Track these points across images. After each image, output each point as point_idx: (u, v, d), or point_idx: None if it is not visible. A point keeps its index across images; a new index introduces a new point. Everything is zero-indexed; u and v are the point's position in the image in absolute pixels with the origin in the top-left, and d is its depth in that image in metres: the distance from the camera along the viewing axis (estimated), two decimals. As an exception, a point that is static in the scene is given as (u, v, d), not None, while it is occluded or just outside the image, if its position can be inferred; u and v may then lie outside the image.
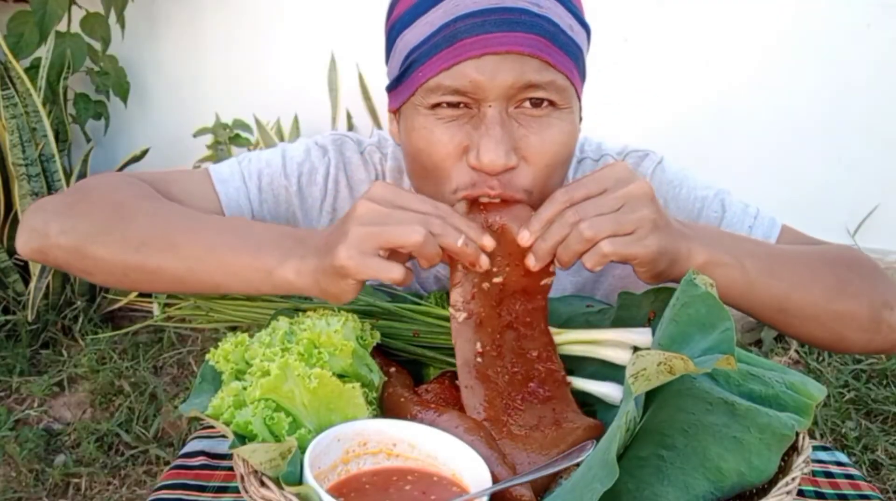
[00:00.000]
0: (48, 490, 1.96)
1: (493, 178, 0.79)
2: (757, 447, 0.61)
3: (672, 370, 0.57)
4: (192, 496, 0.88)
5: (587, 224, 0.69)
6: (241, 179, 0.96)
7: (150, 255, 0.78)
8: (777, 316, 0.81)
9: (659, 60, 2.56)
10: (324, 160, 0.99)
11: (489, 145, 0.77)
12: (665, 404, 0.65)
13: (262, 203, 0.97)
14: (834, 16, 2.54)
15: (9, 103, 2.20)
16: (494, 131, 0.77)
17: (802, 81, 2.60)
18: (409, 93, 0.82)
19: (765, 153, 2.68)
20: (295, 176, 0.98)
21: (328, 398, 0.66)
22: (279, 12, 2.64)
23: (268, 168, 0.98)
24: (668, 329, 0.67)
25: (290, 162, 0.98)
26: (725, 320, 0.63)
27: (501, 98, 0.78)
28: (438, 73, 0.78)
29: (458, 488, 0.64)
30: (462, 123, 0.80)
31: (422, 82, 0.80)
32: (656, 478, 0.60)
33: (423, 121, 0.81)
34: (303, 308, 0.82)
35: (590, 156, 1.04)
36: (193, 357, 2.45)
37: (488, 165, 0.77)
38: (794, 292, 0.79)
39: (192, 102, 2.72)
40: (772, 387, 0.66)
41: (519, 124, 0.80)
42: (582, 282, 1.02)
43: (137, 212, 0.82)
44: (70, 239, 0.81)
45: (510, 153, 0.78)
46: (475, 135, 0.79)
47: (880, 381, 2.40)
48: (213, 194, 0.95)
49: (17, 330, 2.41)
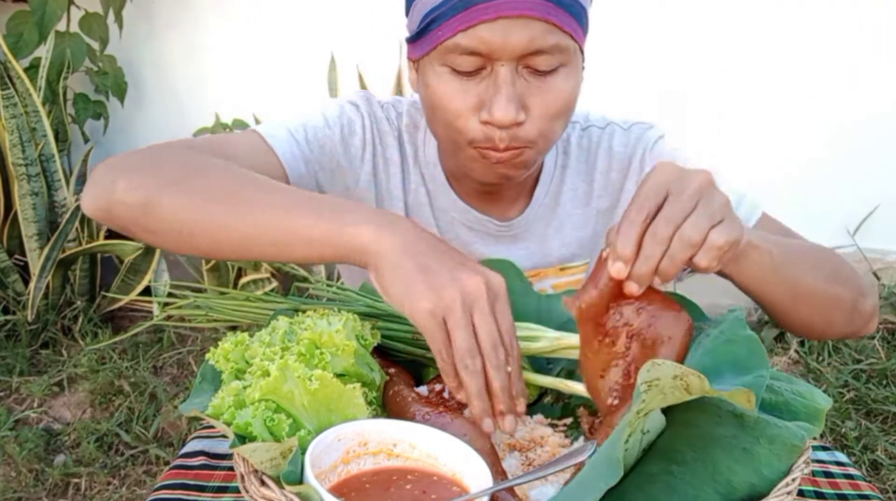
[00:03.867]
0: (48, 490, 1.96)
1: (502, 131, 0.87)
2: (767, 458, 0.60)
3: (689, 388, 0.56)
4: (192, 496, 0.88)
5: (689, 229, 0.66)
6: (288, 132, 0.99)
7: (219, 213, 0.76)
8: (788, 300, 0.85)
9: (658, 59, 2.56)
10: (358, 114, 1.05)
11: (500, 103, 0.85)
12: (674, 418, 0.64)
13: (311, 152, 1.00)
14: (834, 15, 2.54)
15: (8, 103, 2.20)
16: (505, 89, 0.86)
17: (802, 81, 2.60)
18: (428, 48, 0.89)
19: (764, 153, 2.68)
20: (337, 127, 1.03)
21: (328, 399, 0.66)
22: (279, 12, 2.64)
23: (311, 122, 1.02)
24: (702, 360, 0.66)
25: (331, 117, 1.03)
26: (763, 367, 0.61)
27: (512, 58, 0.85)
28: (456, 34, 0.85)
29: (459, 488, 0.63)
30: (476, 82, 0.88)
31: (440, 41, 0.87)
32: (666, 494, 0.60)
33: (440, 78, 0.89)
34: (302, 308, 0.82)
35: (595, 124, 1.11)
36: (193, 357, 2.45)
37: (499, 120, 0.86)
38: (805, 276, 0.84)
39: (191, 102, 2.72)
40: (781, 395, 0.65)
41: (527, 82, 0.87)
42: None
43: (209, 169, 0.81)
44: (137, 195, 0.79)
45: (519, 110, 0.86)
46: (487, 93, 0.87)
47: (880, 381, 2.40)
48: (269, 149, 0.96)
49: (16, 330, 2.41)
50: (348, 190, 1.04)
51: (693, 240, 0.66)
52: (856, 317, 0.91)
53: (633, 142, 1.08)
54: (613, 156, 1.08)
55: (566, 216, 1.09)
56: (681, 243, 0.66)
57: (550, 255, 1.09)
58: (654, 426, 0.60)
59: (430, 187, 1.07)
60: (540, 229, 1.08)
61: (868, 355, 2.51)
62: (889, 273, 2.80)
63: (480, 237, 1.08)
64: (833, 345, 2.53)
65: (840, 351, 2.52)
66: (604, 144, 1.09)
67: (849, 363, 2.46)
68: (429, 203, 1.07)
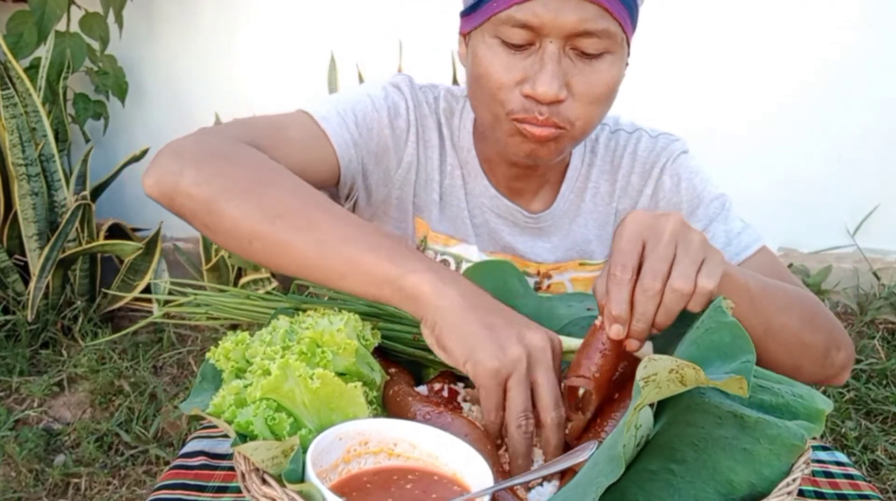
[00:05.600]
0: (48, 490, 1.96)
1: (543, 106, 0.89)
2: (767, 458, 0.61)
3: (683, 380, 0.57)
4: (192, 496, 0.88)
5: (679, 281, 0.67)
6: (338, 114, 0.99)
7: (283, 228, 0.76)
8: (759, 336, 0.80)
9: (657, 59, 2.56)
10: (402, 96, 1.07)
11: (545, 78, 0.88)
12: (675, 418, 0.64)
13: (360, 135, 1.01)
14: (834, 14, 2.54)
15: (8, 103, 2.20)
16: (551, 65, 0.88)
17: (802, 81, 2.61)
18: (482, 20, 0.91)
19: (765, 153, 2.68)
20: (385, 109, 1.04)
21: (329, 398, 0.66)
22: (279, 12, 2.64)
23: (359, 104, 1.03)
24: (688, 351, 0.66)
25: (377, 99, 1.04)
26: (748, 352, 0.62)
27: (561, 37, 0.88)
28: (511, 6, 0.87)
29: (460, 487, 0.63)
30: (523, 56, 0.90)
31: (495, 12, 0.89)
32: (667, 492, 0.60)
33: (489, 50, 0.91)
34: (303, 307, 0.82)
35: (624, 128, 1.14)
36: (193, 357, 2.45)
37: (542, 94, 0.88)
38: (779, 315, 0.82)
39: (191, 102, 2.72)
40: (781, 396, 0.66)
41: (572, 62, 0.90)
42: None
43: (280, 181, 0.81)
44: (204, 191, 0.78)
45: (562, 87, 0.89)
46: (533, 68, 0.89)
47: (880, 381, 2.40)
48: (322, 132, 0.97)
49: (16, 330, 2.41)
50: (389, 173, 1.05)
51: (685, 291, 0.67)
52: (827, 366, 0.88)
53: (658, 150, 1.10)
54: (637, 160, 1.11)
55: (588, 213, 1.11)
56: (673, 295, 0.67)
57: (572, 249, 1.11)
58: (645, 421, 0.61)
59: (464, 171, 1.09)
60: (565, 225, 1.11)
61: (868, 355, 2.51)
62: (889, 273, 2.80)
63: (508, 226, 1.09)
64: (833, 345, 2.52)
65: (840, 351, 2.52)
66: (629, 148, 1.11)
67: (849, 363, 2.46)
68: (462, 186, 1.09)
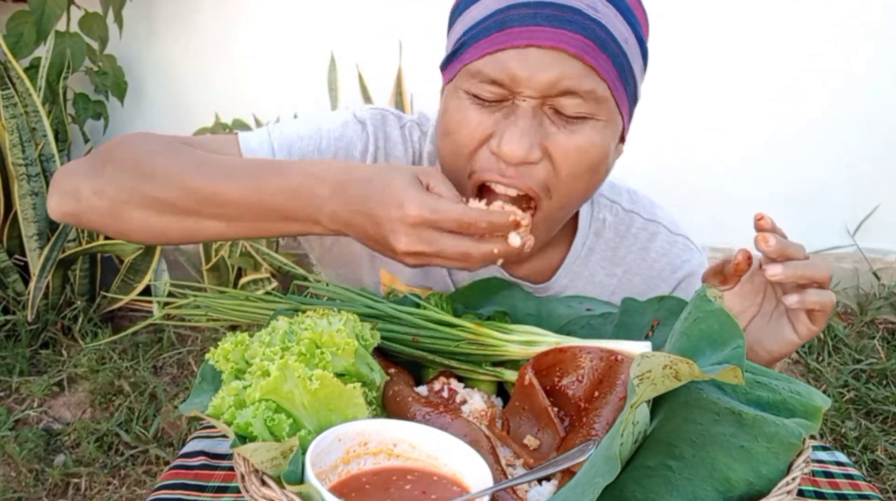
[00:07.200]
0: (48, 490, 1.96)
1: (510, 167, 0.79)
2: (765, 456, 0.61)
3: (678, 375, 0.57)
4: (192, 496, 0.88)
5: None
6: (270, 151, 0.91)
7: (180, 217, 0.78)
8: None
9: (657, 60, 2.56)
10: (362, 136, 0.94)
11: (513, 135, 0.77)
12: (672, 414, 0.65)
13: None
14: (833, 14, 2.54)
15: (8, 103, 2.20)
16: (521, 122, 0.78)
17: (802, 80, 2.60)
18: (454, 73, 0.83)
19: (765, 153, 2.68)
20: (330, 153, 0.93)
21: (328, 399, 0.66)
22: (279, 12, 2.64)
23: (299, 142, 0.93)
24: (679, 343, 0.66)
25: (327, 137, 0.93)
26: (737, 337, 0.62)
27: (537, 94, 0.78)
28: (482, 56, 0.78)
29: (459, 487, 0.63)
30: (494, 110, 0.80)
31: (466, 63, 0.80)
32: (665, 488, 0.60)
33: (458, 103, 0.81)
34: (302, 308, 0.82)
35: (640, 212, 1.02)
36: (193, 357, 2.45)
37: (507, 153, 0.78)
38: None
39: (191, 102, 2.72)
40: (779, 393, 0.66)
41: (551, 122, 0.79)
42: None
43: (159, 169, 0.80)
44: (104, 201, 0.80)
45: (534, 147, 0.78)
46: (503, 123, 0.79)
47: (880, 381, 2.40)
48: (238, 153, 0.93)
49: (16, 330, 2.40)
50: None
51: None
52: None
53: (674, 261, 0.99)
54: (645, 260, 1.00)
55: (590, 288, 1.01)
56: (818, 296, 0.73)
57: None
58: (641, 417, 0.61)
59: None
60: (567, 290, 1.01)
61: (868, 355, 2.51)
62: (889, 273, 2.80)
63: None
64: (833, 345, 2.53)
65: (840, 351, 2.52)
66: (640, 242, 1.00)
67: (849, 363, 2.46)
68: None
